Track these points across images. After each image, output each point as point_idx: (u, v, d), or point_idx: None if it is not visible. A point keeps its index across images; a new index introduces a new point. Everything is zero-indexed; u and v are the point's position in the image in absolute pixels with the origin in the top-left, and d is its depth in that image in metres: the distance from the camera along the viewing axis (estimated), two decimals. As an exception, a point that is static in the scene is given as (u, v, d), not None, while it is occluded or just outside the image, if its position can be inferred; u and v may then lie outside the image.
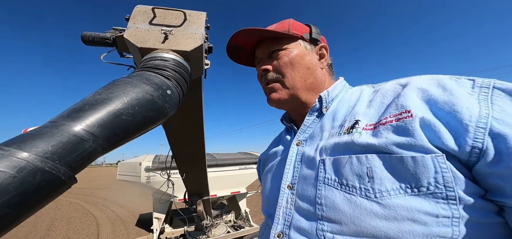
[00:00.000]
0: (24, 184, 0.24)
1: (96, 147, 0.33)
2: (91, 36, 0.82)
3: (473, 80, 0.38)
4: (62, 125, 0.30)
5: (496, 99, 0.33)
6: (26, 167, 0.24)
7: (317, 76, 0.64)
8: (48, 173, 0.26)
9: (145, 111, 0.42)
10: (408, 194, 0.34)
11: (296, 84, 0.61)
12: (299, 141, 0.58)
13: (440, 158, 0.33)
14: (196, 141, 1.34)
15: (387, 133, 0.38)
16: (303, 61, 0.62)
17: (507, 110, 0.32)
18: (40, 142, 0.27)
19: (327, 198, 0.42)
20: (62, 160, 0.28)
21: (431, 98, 0.38)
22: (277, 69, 0.62)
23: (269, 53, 0.65)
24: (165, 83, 0.53)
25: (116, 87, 0.41)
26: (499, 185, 0.31)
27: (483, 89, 0.35)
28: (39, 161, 0.25)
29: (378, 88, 0.51)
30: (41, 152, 0.26)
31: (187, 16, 0.77)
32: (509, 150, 0.29)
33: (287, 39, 0.64)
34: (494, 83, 0.36)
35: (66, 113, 0.32)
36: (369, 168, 0.38)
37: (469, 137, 0.32)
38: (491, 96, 0.34)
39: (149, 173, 3.43)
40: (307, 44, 0.66)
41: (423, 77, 0.44)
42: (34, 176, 0.25)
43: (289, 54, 0.62)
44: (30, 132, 0.28)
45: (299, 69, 0.62)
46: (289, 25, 0.64)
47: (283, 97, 0.61)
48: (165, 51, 0.67)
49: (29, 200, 0.25)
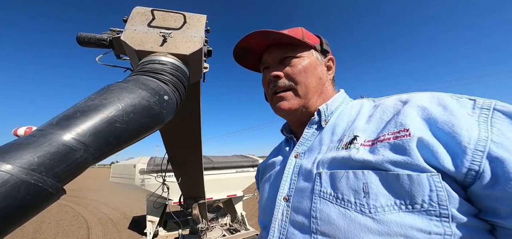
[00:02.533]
0: (7, 199, 0.22)
1: (87, 156, 0.31)
2: (87, 37, 0.79)
3: (474, 101, 0.38)
4: (51, 134, 0.28)
5: (496, 122, 0.34)
6: (9, 181, 0.23)
7: (326, 88, 0.64)
8: (34, 186, 0.24)
9: (140, 118, 0.41)
10: (402, 211, 0.35)
11: (309, 94, 0.60)
12: (298, 154, 0.57)
13: (435, 177, 0.34)
14: (193, 145, 1.31)
15: (384, 151, 0.39)
16: (316, 71, 0.61)
17: (506, 134, 0.32)
18: (26, 153, 0.25)
19: (322, 211, 0.42)
20: (49, 172, 0.26)
21: (431, 117, 0.38)
22: (290, 76, 0.60)
23: (281, 59, 0.62)
24: (162, 88, 0.51)
25: (111, 93, 0.39)
26: (494, 206, 0.32)
27: (483, 111, 0.36)
28: (23, 173, 0.23)
29: (379, 103, 0.52)
30: (26, 164, 0.24)
31: (187, 19, 0.75)
32: (506, 174, 0.30)
33: (301, 47, 0.62)
34: (495, 105, 0.36)
35: (55, 121, 0.30)
36: (365, 183, 0.38)
37: (466, 159, 0.33)
38: (491, 118, 0.35)
39: (143, 175, 3.37)
40: (318, 54, 0.65)
41: (424, 94, 0.44)
42: (18, 190, 0.23)
43: (302, 62, 0.60)
44: (15, 142, 0.26)
45: (313, 78, 0.60)
46: (303, 33, 0.63)
47: (293, 106, 0.59)
48: (163, 54, 0.65)
49: (13, 214, 0.23)
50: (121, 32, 0.79)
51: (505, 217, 0.31)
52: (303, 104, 0.60)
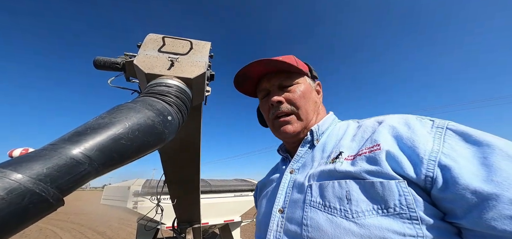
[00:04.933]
0: (11, 206, 0.24)
1: (90, 170, 0.32)
2: (103, 61, 0.85)
3: (433, 121, 0.46)
4: (61, 148, 0.30)
5: (447, 138, 0.41)
6: (16, 189, 0.24)
7: (320, 110, 0.70)
8: (37, 195, 0.25)
9: (144, 136, 0.43)
10: (379, 215, 0.39)
11: (309, 116, 0.66)
12: (293, 169, 0.61)
13: (402, 183, 0.39)
14: (192, 166, 1.31)
15: (362, 162, 0.45)
16: (311, 95, 0.68)
17: (454, 147, 0.39)
18: (37, 164, 0.27)
19: (312, 219, 0.46)
20: (54, 183, 0.27)
21: (398, 134, 0.45)
22: (291, 101, 0.65)
23: (280, 86, 0.67)
24: (167, 109, 0.55)
25: (120, 112, 0.42)
26: (450, 207, 0.37)
27: (439, 129, 0.43)
28: (31, 183, 0.25)
29: (361, 124, 0.59)
30: (34, 174, 0.26)
31: (193, 45, 0.82)
32: (453, 179, 0.35)
33: (297, 74, 0.68)
34: (448, 124, 0.43)
35: (67, 137, 0.33)
36: (348, 191, 0.43)
37: (423, 167, 0.39)
38: (444, 135, 0.42)
39: (137, 198, 3.25)
40: (310, 80, 0.72)
41: (395, 116, 0.53)
42: (22, 198, 0.24)
43: (300, 87, 0.66)
44: (30, 154, 0.28)
45: (310, 102, 0.67)
46: (296, 60, 0.69)
47: (297, 130, 0.64)
48: (170, 78, 0.70)
49: (14, 221, 0.24)
50: (133, 57, 0.86)
51: (461, 217, 0.35)
52: (305, 126, 0.65)
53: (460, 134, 0.41)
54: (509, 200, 0.31)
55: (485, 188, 0.32)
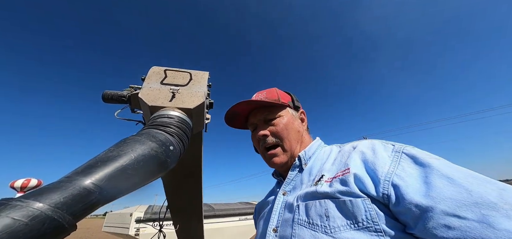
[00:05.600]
0: (33, 231, 0.28)
1: (100, 198, 0.37)
2: (110, 94, 0.92)
3: (394, 145, 0.54)
4: (75, 180, 0.35)
5: (401, 161, 0.49)
6: (38, 216, 0.29)
7: (304, 138, 0.77)
8: (55, 221, 0.30)
9: (148, 166, 0.48)
10: (352, 229, 0.45)
11: (292, 146, 0.74)
12: (285, 192, 0.68)
13: (366, 200, 0.47)
14: (194, 192, 1.32)
15: (336, 184, 0.52)
16: (294, 125, 0.76)
17: (405, 168, 0.47)
18: (55, 194, 0.31)
19: (299, 236, 0.52)
20: (69, 210, 0.32)
21: (365, 159, 0.54)
22: (275, 134, 0.74)
23: (265, 120, 0.77)
24: (169, 139, 0.60)
25: (126, 145, 0.48)
26: (405, 220, 0.43)
27: (396, 153, 0.51)
28: (50, 210, 0.30)
29: (342, 149, 0.67)
30: (53, 203, 0.30)
31: (193, 76, 0.89)
32: (402, 195, 0.43)
33: (279, 107, 0.77)
34: (404, 149, 0.52)
35: (80, 169, 0.38)
36: (326, 209, 0.50)
37: (380, 186, 0.46)
38: (400, 158, 0.50)
39: (139, 224, 3.20)
40: (293, 110, 0.79)
41: (365, 142, 0.61)
42: (43, 224, 0.28)
43: (282, 120, 0.75)
44: (49, 185, 0.33)
45: (292, 133, 0.74)
46: (278, 94, 0.79)
47: (284, 160, 0.73)
48: (171, 109, 0.76)
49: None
50: (138, 89, 0.93)
51: (414, 227, 0.41)
52: (291, 155, 0.74)
53: (411, 157, 0.49)
54: (441, 211, 0.38)
55: (423, 202, 0.40)
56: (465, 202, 0.37)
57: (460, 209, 0.37)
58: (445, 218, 0.37)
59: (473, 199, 0.37)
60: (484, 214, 0.35)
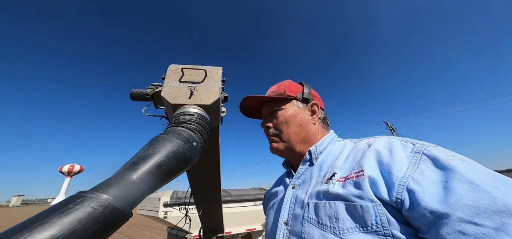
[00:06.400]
0: (106, 218, 0.36)
1: (145, 190, 0.46)
2: (137, 93, 1.00)
3: (414, 145, 0.51)
4: (126, 175, 0.44)
5: (421, 163, 0.46)
6: (108, 206, 0.37)
7: (308, 131, 0.77)
8: (119, 210, 0.39)
9: (177, 162, 0.56)
10: (361, 232, 0.46)
11: (291, 139, 0.76)
12: (295, 185, 0.70)
13: (378, 206, 0.46)
14: (213, 180, 1.44)
15: (350, 186, 0.52)
16: (296, 119, 0.77)
17: (424, 172, 0.44)
18: (114, 188, 0.40)
19: (309, 233, 0.53)
20: (126, 200, 0.40)
21: (380, 160, 0.52)
22: (276, 126, 0.78)
23: (270, 112, 0.81)
24: (192, 136, 0.67)
25: (158, 143, 0.56)
26: (417, 224, 0.42)
27: (416, 154, 0.48)
28: (114, 201, 0.38)
29: (355, 145, 0.65)
30: (116, 195, 0.39)
31: (207, 72, 0.93)
32: (417, 201, 0.41)
33: (283, 101, 0.80)
34: (425, 149, 0.48)
35: (128, 166, 0.47)
36: (336, 211, 0.50)
37: (394, 191, 0.45)
38: (419, 160, 0.47)
39: (167, 208, 3.51)
40: (299, 103, 0.80)
41: (382, 140, 0.58)
42: (112, 212, 0.37)
43: (284, 114, 0.78)
44: (108, 180, 0.42)
45: (293, 126, 0.76)
46: (285, 87, 0.81)
47: (280, 148, 0.77)
48: (191, 106, 0.83)
49: (106, 229, 0.37)
50: (159, 86, 1.01)
51: (426, 232, 0.41)
52: (287, 146, 0.76)
53: (432, 159, 0.46)
54: (458, 218, 0.37)
55: (439, 209, 0.38)
56: (487, 209, 0.36)
57: (478, 216, 0.36)
58: (461, 224, 0.36)
59: (497, 207, 0.35)
60: (503, 222, 0.34)
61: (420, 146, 0.50)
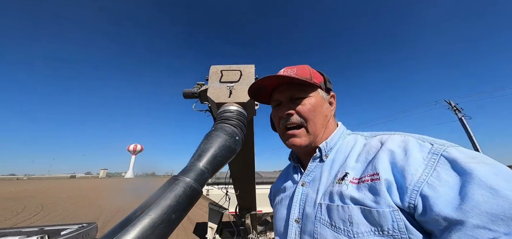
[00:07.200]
0: (192, 194, 0.53)
1: (207, 175, 0.62)
2: (188, 92, 1.20)
3: (432, 145, 0.47)
4: (196, 164, 0.61)
5: (438, 166, 0.43)
6: (192, 186, 0.54)
7: (330, 123, 0.72)
8: (197, 190, 0.55)
9: (226, 153, 0.72)
10: (376, 235, 0.45)
11: (317, 131, 0.68)
12: (304, 182, 0.66)
13: (396, 211, 0.44)
14: (248, 164, 1.63)
15: (365, 190, 0.50)
16: (322, 109, 0.69)
17: (440, 175, 0.42)
18: (191, 173, 0.57)
19: (322, 234, 0.53)
20: (199, 183, 0.57)
21: (394, 161, 0.49)
22: (301, 114, 0.66)
23: (292, 98, 0.69)
24: (235, 131, 0.82)
25: (212, 138, 0.72)
26: (430, 229, 0.41)
27: (433, 156, 0.45)
28: (194, 184, 0.55)
29: (367, 142, 0.61)
30: (194, 178, 0.56)
31: (242, 71, 1.05)
32: (430, 206, 0.40)
33: (309, 87, 0.69)
34: (444, 150, 0.45)
35: (196, 156, 0.64)
36: (350, 215, 0.49)
37: (407, 196, 0.43)
38: (437, 162, 0.44)
39: (208, 186, 3.98)
40: (323, 93, 0.71)
41: (397, 138, 0.54)
42: (193, 190, 0.54)
43: (311, 101, 0.67)
44: (186, 168, 0.59)
45: (320, 116, 0.68)
46: (311, 72, 0.70)
47: (304, 143, 0.67)
48: (231, 104, 0.97)
49: (191, 203, 0.54)
50: (202, 85, 1.17)
51: (439, 237, 0.40)
52: (312, 140, 0.68)
53: (451, 161, 0.43)
54: (472, 225, 0.35)
55: (453, 215, 0.37)
56: (504, 216, 0.34)
57: (493, 223, 0.34)
58: (474, 230, 0.35)
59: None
60: None
61: (438, 146, 0.46)
